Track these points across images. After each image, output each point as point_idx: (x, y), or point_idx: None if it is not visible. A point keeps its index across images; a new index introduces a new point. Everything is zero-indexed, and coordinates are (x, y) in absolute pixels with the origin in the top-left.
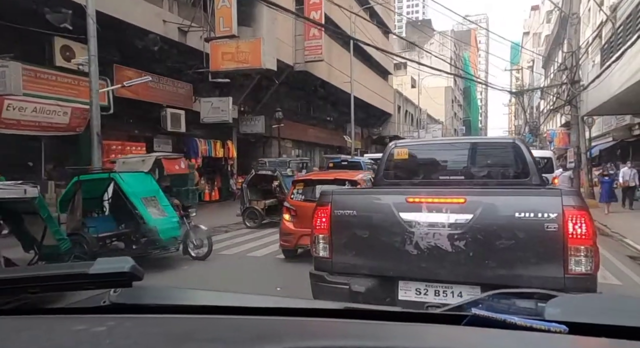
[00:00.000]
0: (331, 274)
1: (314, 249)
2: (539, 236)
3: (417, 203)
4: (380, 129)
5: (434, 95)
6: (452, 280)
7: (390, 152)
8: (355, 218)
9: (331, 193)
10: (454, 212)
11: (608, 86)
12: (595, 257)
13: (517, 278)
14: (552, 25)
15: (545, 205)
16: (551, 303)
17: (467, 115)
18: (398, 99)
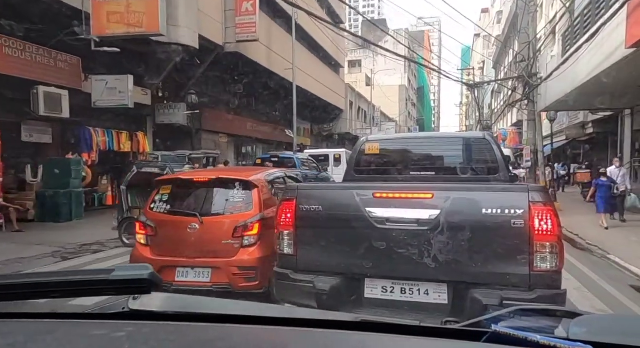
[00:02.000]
0: (295, 272)
1: (278, 246)
2: (505, 232)
3: (384, 198)
4: (331, 126)
5: (388, 94)
6: (418, 277)
7: (362, 146)
8: (320, 214)
9: (296, 188)
10: (422, 208)
11: (573, 75)
12: (561, 254)
13: (483, 275)
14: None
15: (512, 201)
16: (576, 322)
17: (420, 115)
18: (350, 94)
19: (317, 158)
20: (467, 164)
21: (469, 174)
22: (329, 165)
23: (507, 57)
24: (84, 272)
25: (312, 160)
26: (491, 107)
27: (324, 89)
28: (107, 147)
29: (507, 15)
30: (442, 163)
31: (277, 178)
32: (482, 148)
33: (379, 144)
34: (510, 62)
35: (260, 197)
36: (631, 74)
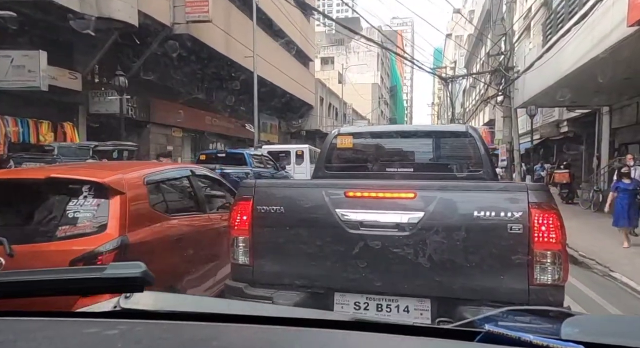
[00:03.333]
0: (252, 285)
1: (232, 254)
2: (500, 239)
3: (358, 198)
4: (300, 122)
5: (360, 92)
6: (397, 292)
7: (333, 140)
8: (282, 217)
9: (254, 185)
10: (402, 210)
11: (556, 66)
12: (565, 264)
13: (473, 290)
14: (475, 22)
15: (509, 202)
16: (568, 322)
17: (393, 114)
18: (321, 90)
19: (277, 154)
20: (448, 159)
21: (451, 170)
22: (290, 162)
23: (483, 47)
24: (76, 270)
25: (268, 157)
26: (463, 106)
27: (291, 83)
28: (21, 138)
29: (479, 13)
30: (422, 158)
31: (168, 180)
32: (464, 142)
33: (352, 137)
34: (486, 52)
35: (125, 209)
36: (624, 60)
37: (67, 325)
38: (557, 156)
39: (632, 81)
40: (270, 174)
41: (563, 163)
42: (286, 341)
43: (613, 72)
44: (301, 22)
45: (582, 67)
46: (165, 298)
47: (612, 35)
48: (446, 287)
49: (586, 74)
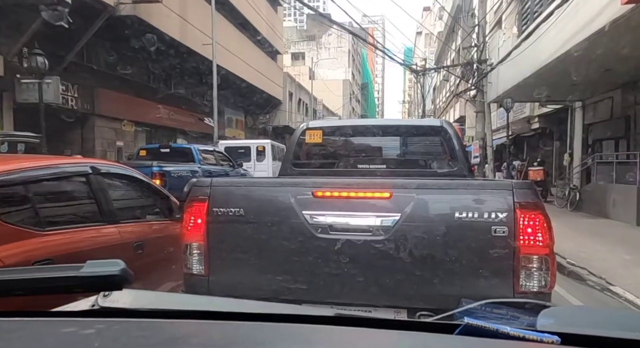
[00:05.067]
0: None
1: (185, 263)
2: (483, 243)
3: (327, 198)
4: (267, 117)
5: (331, 88)
6: (371, 303)
7: (301, 134)
8: (242, 219)
9: (209, 183)
10: (377, 211)
11: (533, 57)
12: (552, 269)
13: (454, 299)
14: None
15: (493, 202)
16: (544, 313)
17: (364, 111)
18: (290, 84)
19: (236, 150)
20: (422, 156)
21: (426, 167)
22: (250, 159)
23: (454, 43)
24: (51, 268)
25: (222, 153)
26: (434, 103)
27: (257, 76)
28: None
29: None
30: (395, 154)
31: (44, 181)
32: (439, 138)
33: (321, 131)
34: (457, 46)
35: None
36: (610, 48)
37: (43, 324)
38: (528, 153)
39: (612, 73)
40: (224, 172)
41: (536, 160)
42: (269, 337)
43: (595, 63)
44: (267, 12)
45: (563, 56)
46: (145, 295)
47: (602, 16)
48: (425, 296)
49: (566, 65)
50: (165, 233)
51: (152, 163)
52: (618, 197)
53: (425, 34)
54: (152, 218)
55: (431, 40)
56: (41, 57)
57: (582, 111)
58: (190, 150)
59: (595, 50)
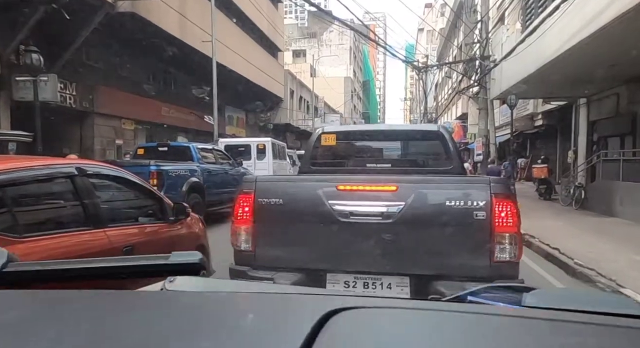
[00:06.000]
0: (254, 269)
1: (235, 242)
2: (467, 224)
3: (347, 191)
4: (268, 115)
5: (333, 85)
6: (381, 271)
7: (317, 137)
8: (281, 208)
9: (255, 180)
10: (386, 200)
11: (538, 51)
12: (520, 244)
13: (444, 267)
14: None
15: (475, 193)
16: (530, 294)
17: (366, 108)
18: (291, 82)
19: (236, 149)
20: (421, 156)
21: (424, 165)
22: (250, 157)
23: (456, 39)
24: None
25: (222, 152)
26: (436, 100)
27: (258, 73)
28: None
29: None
30: (398, 155)
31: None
32: (436, 140)
33: (335, 135)
34: (459, 43)
35: None
36: (616, 42)
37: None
38: (531, 150)
39: (617, 68)
40: (224, 170)
41: (540, 157)
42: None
43: (600, 58)
44: (268, 9)
45: (568, 51)
46: (206, 282)
47: (610, 10)
48: (422, 265)
49: (571, 60)
50: (158, 237)
51: (149, 162)
52: (625, 195)
53: (427, 31)
54: (144, 221)
55: (433, 36)
56: (36, 54)
57: (587, 108)
58: (188, 148)
59: (601, 45)
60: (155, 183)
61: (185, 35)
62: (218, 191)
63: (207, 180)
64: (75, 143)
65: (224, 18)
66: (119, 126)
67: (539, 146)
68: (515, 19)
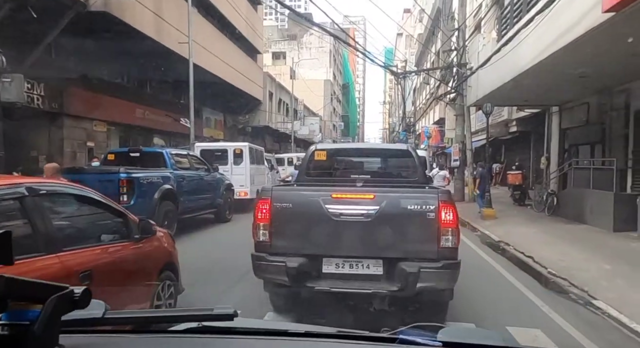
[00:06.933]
0: (270, 255)
1: (256, 235)
2: (423, 222)
3: (339, 198)
4: (247, 117)
5: (312, 88)
6: (362, 256)
7: (312, 153)
8: (290, 210)
9: (271, 189)
10: (366, 205)
11: (513, 62)
12: (457, 236)
13: (407, 252)
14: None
15: (428, 200)
16: (441, 331)
17: (345, 111)
18: (270, 84)
19: (212, 153)
20: (394, 169)
21: (396, 176)
22: (227, 162)
23: (434, 46)
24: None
25: (197, 157)
26: (414, 104)
27: (237, 75)
28: None
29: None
30: (376, 167)
31: None
32: (405, 156)
33: (326, 151)
34: (437, 50)
35: None
36: (587, 54)
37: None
38: (506, 156)
39: (587, 79)
40: (199, 176)
41: (515, 163)
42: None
43: (572, 70)
44: (247, 11)
45: (542, 62)
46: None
47: (582, 23)
48: (391, 251)
49: (545, 70)
50: (121, 257)
51: (119, 169)
52: (595, 203)
53: (405, 36)
54: (106, 241)
55: (411, 42)
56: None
57: (559, 116)
58: (161, 154)
59: (573, 57)
60: (126, 191)
61: (161, 36)
62: (193, 198)
63: (181, 186)
64: (44, 146)
65: (202, 19)
66: (90, 128)
67: (513, 152)
68: (491, 28)
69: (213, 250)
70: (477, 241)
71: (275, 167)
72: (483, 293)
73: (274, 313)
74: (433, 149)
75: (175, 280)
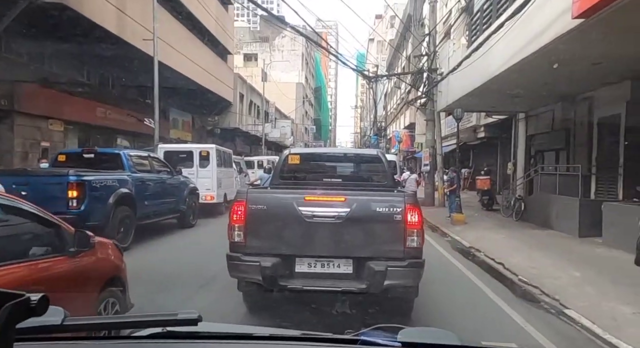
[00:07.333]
0: (245, 255)
1: (231, 236)
2: (390, 224)
3: (312, 200)
4: (216, 119)
5: (284, 90)
6: (333, 255)
7: (285, 157)
8: (265, 211)
9: (246, 191)
10: (337, 207)
11: (483, 68)
12: (422, 237)
13: (375, 252)
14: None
15: (395, 203)
16: (401, 332)
17: (317, 115)
18: (241, 86)
19: (177, 155)
20: (364, 173)
21: (366, 180)
22: (192, 165)
23: (404, 51)
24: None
25: (159, 159)
26: (386, 109)
27: (206, 75)
28: None
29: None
30: (347, 172)
31: None
32: (375, 161)
33: (299, 156)
34: (408, 55)
35: None
36: (552, 61)
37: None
38: (474, 161)
39: (552, 86)
40: (161, 180)
41: (484, 169)
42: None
43: (538, 76)
44: (217, 11)
45: (511, 68)
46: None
47: (551, 30)
48: (361, 251)
49: (513, 77)
50: (53, 274)
51: (67, 171)
52: (561, 209)
53: (377, 41)
54: (36, 256)
55: (383, 47)
56: None
57: (525, 122)
58: (119, 156)
59: (540, 64)
60: (76, 195)
61: (123, 32)
62: (153, 202)
63: (140, 190)
64: None
65: (169, 16)
66: (45, 127)
67: (481, 157)
68: (461, 35)
69: (174, 258)
70: (448, 247)
71: (245, 170)
72: (456, 304)
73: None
74: (404, 153)
75: (122, 297)
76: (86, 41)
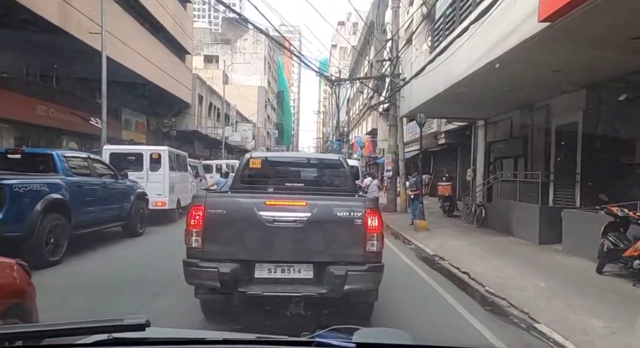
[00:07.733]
0: (203, 261)
1: (189, 241)
2: (350, 228)
3: (273, 205)
4: (173, 121)
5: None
6: (294, 260)
7: (246, 161)
8: (224, 216)
9: (205, 195)
10: (298, 212)
11: (446, 73)
12: (381, 241)
13: (335, 256)
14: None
15: (355, 207)
16: (356, 333)
17: (280, 119)
18: (200, 87)
19: (125, 157)
20: (326, 178)
21: (328, 185)
22: (142, 168)
23: (367, 57)
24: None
25: (101, 161)
26: (348, 114)
27: (161, 75)
28: None
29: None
30: (309, 176)
31: None
32: (336, 166)
33: (260, 160)
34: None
35: None
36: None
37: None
38: (435, 167)
39: (512, 94)
40: (103, 184)
41: (445, 175)
42: None
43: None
44: (175, 8)
45: (473, 74)
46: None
47: (517, 33)
48: (321, 256)
49: (475, 83)
50: None
51: None
52: (521, 216)
53: (340, 47)
54: None
55: (346, 53)
56: None
57: (485, 129)
58: (51, 157)
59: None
60: None
61: (67, 24)
62: (93, 209)
63: (76, 196)
64: None
65: (119, 9)
66: None
67: (441, 163)
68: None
69: (118, 269)
70: (412, 256)
71: (202, 174)
72: (423, 318)
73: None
74: (366, 158)
75: None
76: (24, 32)
